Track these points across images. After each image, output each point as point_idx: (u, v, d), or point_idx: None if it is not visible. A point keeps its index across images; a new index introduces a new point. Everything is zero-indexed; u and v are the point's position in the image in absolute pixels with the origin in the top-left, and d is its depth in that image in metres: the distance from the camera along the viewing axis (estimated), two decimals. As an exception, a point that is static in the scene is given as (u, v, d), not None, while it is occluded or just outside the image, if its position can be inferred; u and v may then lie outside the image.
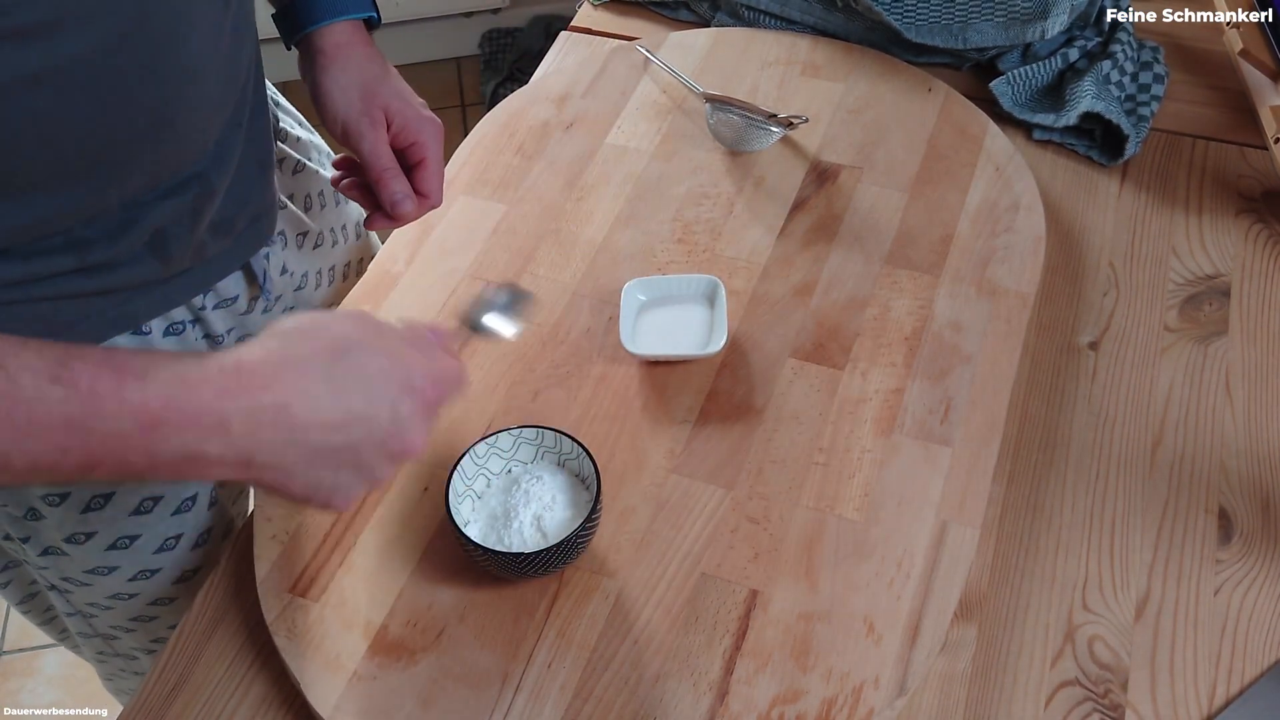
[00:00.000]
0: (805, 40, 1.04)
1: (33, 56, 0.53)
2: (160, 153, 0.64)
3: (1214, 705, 0.65)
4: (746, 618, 0.67)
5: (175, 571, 0.83)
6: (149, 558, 0.81)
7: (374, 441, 0.54)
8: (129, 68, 0.58)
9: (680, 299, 0.82)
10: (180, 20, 0.60)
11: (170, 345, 0.74)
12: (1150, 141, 0.96)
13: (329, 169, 0.93)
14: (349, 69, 0.75)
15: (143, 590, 0.83)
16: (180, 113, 0.64)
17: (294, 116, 0.93)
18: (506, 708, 0.64)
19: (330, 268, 0.92)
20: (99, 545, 0.78)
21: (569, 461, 0.70)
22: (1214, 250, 0.88)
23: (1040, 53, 1.00)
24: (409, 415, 0.55)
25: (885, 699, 0.63)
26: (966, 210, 0.88)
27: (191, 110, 0.65)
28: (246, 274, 0.79)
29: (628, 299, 0.81)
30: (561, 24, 1.13)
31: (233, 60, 0.68)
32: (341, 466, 0.54)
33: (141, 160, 0.63)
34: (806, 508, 0.72)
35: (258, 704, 0.67)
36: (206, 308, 0.76)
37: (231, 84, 0.69)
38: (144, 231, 0.66)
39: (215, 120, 0.68)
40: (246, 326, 0.81)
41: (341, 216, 0.93)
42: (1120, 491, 0.74)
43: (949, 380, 0.78)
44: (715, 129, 0.94)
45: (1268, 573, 0.70)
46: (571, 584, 0.69)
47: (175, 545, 0.81)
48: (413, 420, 0.55)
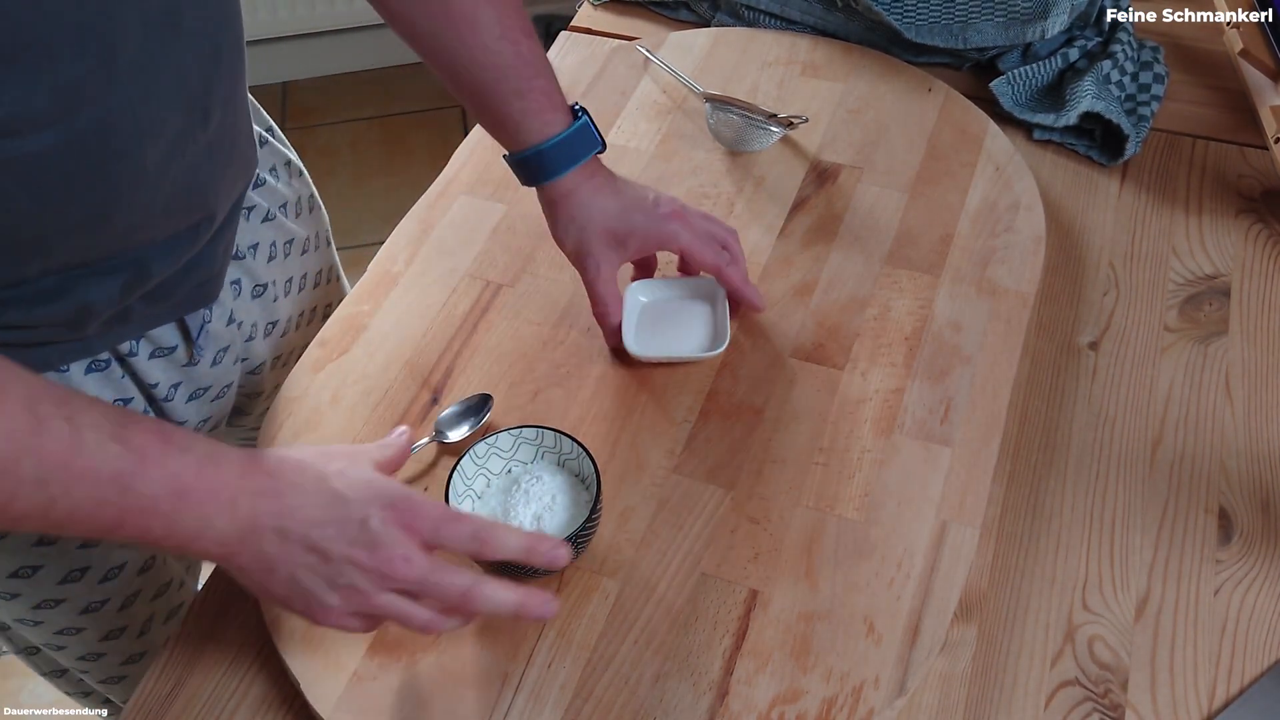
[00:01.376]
0: (805, 40, 1.04)
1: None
2: (93, 240, 0.63)
3: (1214, 705, 0.65)
4: (746, 618, 0.67)
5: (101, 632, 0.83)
6: (74, 618, 0.81)
7: (348, 539, 0.57)
8: (76, 171, 0.58)
9: (682, 300, 0.82)
10: (140, 131, 0.60)
11: (93, 383, 0.72)
12: (1150, 141, 0.96)
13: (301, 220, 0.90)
14: (576, 215, 0.77)
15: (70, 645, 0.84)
16: (121, 212, 0.63)
17: (280, 156, 0.88)
18: (506, 708, 0.64)
19: (288, 317, 0.89)
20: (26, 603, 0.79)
21: (569, 461, 0.70)
22: (1214, 250, 0.88)
23: (1040, 53, 1.00)
24: (379, 528, 0.57)
25: (885, 699, 0.63)
26: (966, 210, 0.88)
27: (135, 212, 0.63)
28: (180, 327, 0.76)
29: (630, 301, 0.81)
30: (561, 24, 1.13)
31: (202, 174, 0.67)
32: (319, 570, 0.57)
33: (70, 245, 0.62)
34: (806, 508, 0.72)
35: (258, 704, 0.67)
36: (137, 354, 0.74)
37: (197, 196, 0.68)
38: (66, 305, 0.65)
39: (165, 223, 0.67)
40: (194, 381, 0.79)
41: (303, 266, 0.90)
42: (1120, 491, 0.74)
43: (949, 380, 0.78)
44: (715, 129, 0.94)
45: (1268, 573, 0.70)
46: (571, 584, 0.69)
47: (100, 608, 0.82)
48: (387, 535, 0.57)
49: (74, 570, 0.78)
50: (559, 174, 0.76)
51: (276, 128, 0.90)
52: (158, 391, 0.76)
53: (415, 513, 0.58)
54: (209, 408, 0.82)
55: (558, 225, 0.78)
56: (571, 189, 0.77)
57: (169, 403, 0.78)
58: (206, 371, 0.79)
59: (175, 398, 0.78)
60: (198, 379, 0.79)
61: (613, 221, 0.77)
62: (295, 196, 0.89)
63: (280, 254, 0.86)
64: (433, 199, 0.93)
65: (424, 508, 0.58)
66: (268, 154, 0.86)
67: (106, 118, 0.57)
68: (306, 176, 0.93)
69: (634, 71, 1.02)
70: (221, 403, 0.83)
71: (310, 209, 0.91)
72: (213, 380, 0.80)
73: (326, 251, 0.94)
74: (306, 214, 0.90)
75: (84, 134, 0.57)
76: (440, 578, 0.57)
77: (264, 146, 0.85)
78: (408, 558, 0.57)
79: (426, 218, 0.91)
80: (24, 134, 0.54)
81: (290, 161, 0.90)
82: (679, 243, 0.77)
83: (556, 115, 0.76)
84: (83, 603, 0.80)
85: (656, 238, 0.78)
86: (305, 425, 0.78)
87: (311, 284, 0.91)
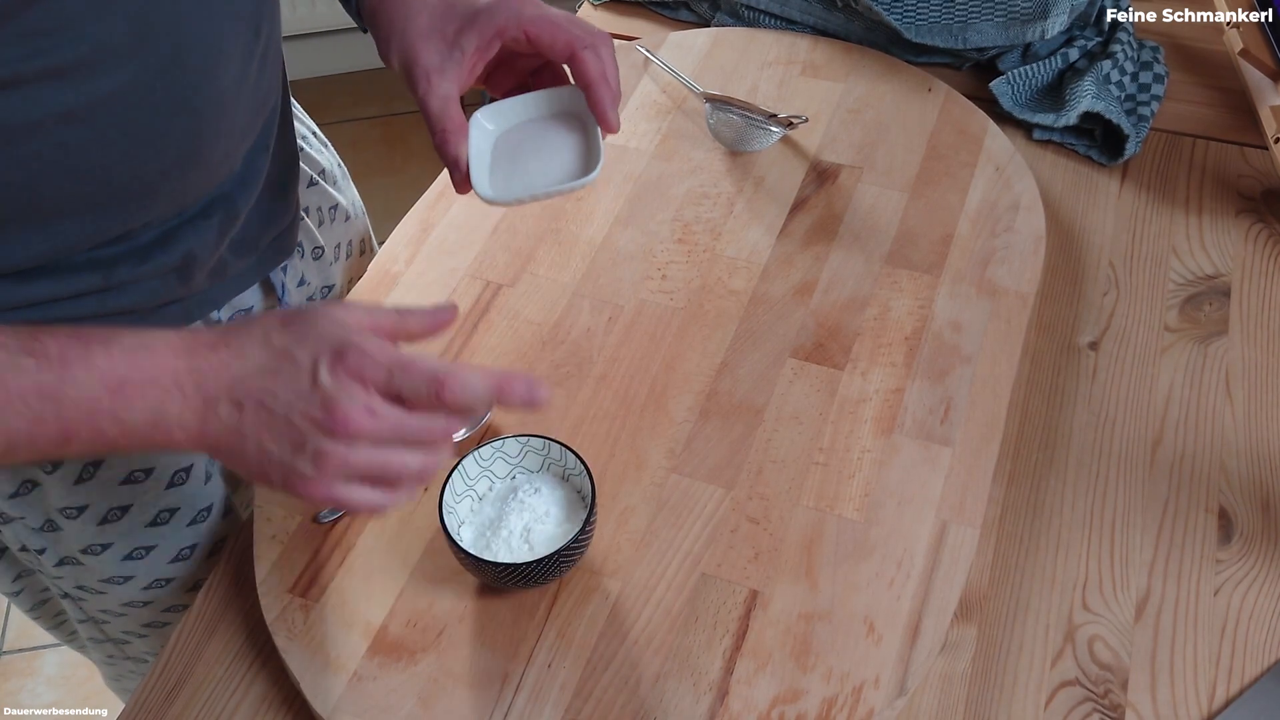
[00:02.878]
0: (805, 40, 1.04)
1: (68, 94, 0.53)
2: (188, 180, 0.64)
3: (1214, 705, 0.65)
4: (746, 618, 0.67)
5: (189, 580, 0.83)
6: (164, 567, 0.81)
7: (300, 397, 0.52)
8: (162, 103, 0.58)
9: (538, 121, 0.66)
10: (215, 53, 0.59)
11: None
12: (1150, 141, 0.96)
13: (338, 187, 0.92)
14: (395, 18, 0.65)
15: (156, 598, 0.83)
16: (210, 142, 0.63)
17: (307, 125, 0.92)
18: (506, 708, 0.64)
19: (334, 284, 0.92)
20: (115, 556, 0.78)
21: (573, 477, 0.69)
22: (1214, 250, 0.88)
23: (1040, 53, 1.00)
24: (329, 382, 0.51)
25: (885, 699, 0.63)
26: (966, 210, 0.88)
27: (221, 139, 0.64)
28: (264, 286, 0.79)
29: (476, 133, 0.65)
30: (561, 24, 1.12)
31: (261, 85, 0.67)
32: (282, 435, 0.52)
33: (170, 188, 0.63)
34: (806, 508, 0.72)
35: (258, 704, 0.67)
36: (222, 320, 0.76)
37: (260, 108, 0.68)
38: (172, 254, 0.66)
39: (242, 145, 0.68)
40: None
41: (348, 232, 0.93)
42: (1120, 491, 0.74)
43: (949, 380, 0.78)
44: (715, 129, 0.94)
45: (1268, 573, 0.70)
46: (571, 584, 0.69)
47: (190, 555, 0.81)
48: (339, 388, 0.51)
49: (163, 512, 0.78)
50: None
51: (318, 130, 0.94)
52: None
53: (365, 358, 0.52)
54: None
55: (379, 39, 0.66)
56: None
57: None
58: None
59: None
60: None
61: (439, 16, 0.63)
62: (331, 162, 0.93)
63: (327, 219, 0.89)
64: (433, 199, 0.93)
65: (373, 352, 0.52)
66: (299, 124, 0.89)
67: (182, 42, 0.57)
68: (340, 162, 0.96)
69: (634, 71, 1.02)
70: None
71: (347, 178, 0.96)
72: None
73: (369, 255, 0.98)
74: (342, 180, 0.94)
75: (164, 61, 0.56)
76: (414, 422, 0.53)
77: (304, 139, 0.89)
78: (370, 409, 0.52)
79: (426, 218, 0.91)
80: (110, 70, 0.54)
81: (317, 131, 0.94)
82: (522, 23, 0.62)
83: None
84: (172, 553, 0.80)
85: (492, 23, 0.62)
86: (305, 425, 0.78)
87: (356, 252, 0.95)
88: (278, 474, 0.53)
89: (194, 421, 0.53)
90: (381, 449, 0.53)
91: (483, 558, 0.65)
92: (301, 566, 0.71)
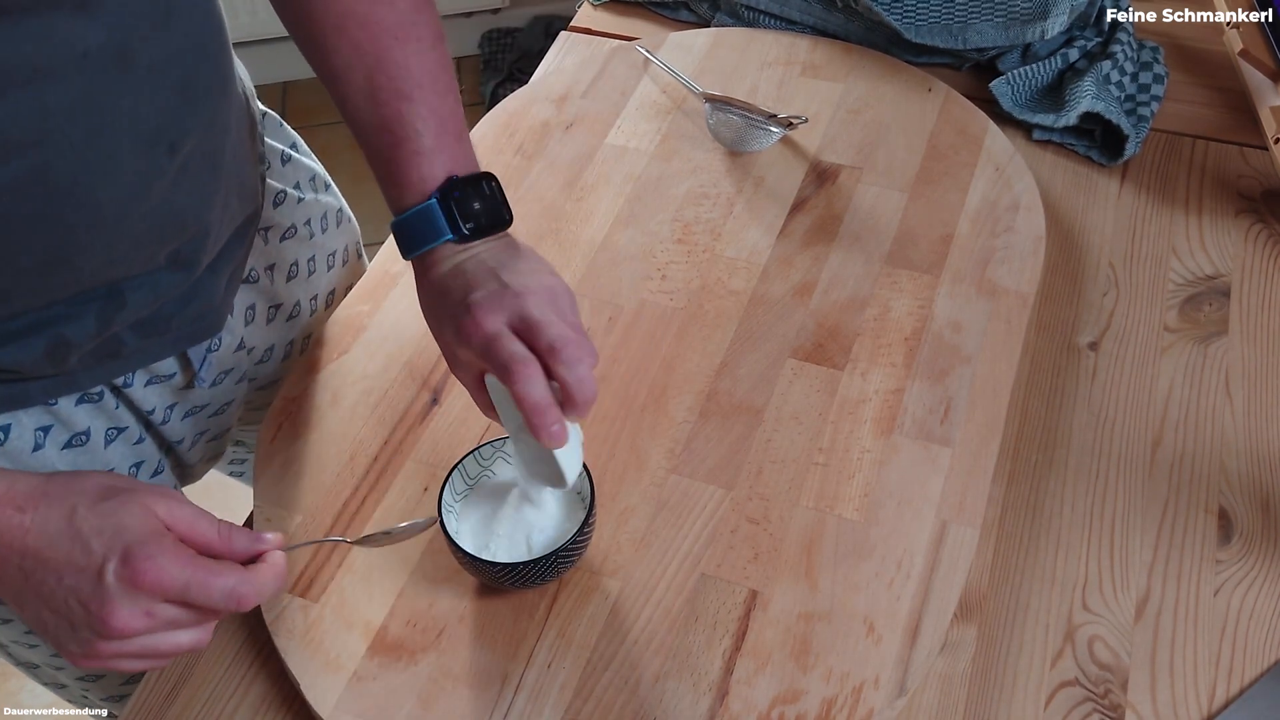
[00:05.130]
0: (805, 40, 1.04)
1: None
2: (53, 281, 0.61)
3: (1214, 705, 0.65)
4: (746, 618, 0.67)
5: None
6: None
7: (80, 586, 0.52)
8: (19, 216, 0.55)
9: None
10: (89, 171, 0.57)
11: (83, 414, 0.70)
12: (1150, 141, 0.96)
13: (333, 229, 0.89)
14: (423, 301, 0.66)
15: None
16: (84, 252, 0.60)
17: (305, 172, 0.87)
18: (506, 708, 0.64)
19: (301, 338, 0.88)
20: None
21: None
22: (1214, 250, 0.88)
23: (1040, 53, 1.00)
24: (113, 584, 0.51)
25: (885, 699, 0.63)
26: (966, 210, 0.88)
27: (98, 252, 0.61)
28: (181, 358, 0.75)
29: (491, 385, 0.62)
30: (561, 24, 1.13)
31: (175, 202, 0.64)
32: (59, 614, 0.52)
33: (31, 287, 0.60)
34: (806, 508, 0.72)
35: (258, 704, 0.67)
36: (132, 384, 0.72)
37: (173, 228, 0.65)
38: (40, 342, 0.63)
39: (138, 258, 0.64)
40: (191, 401, 0.77)
41: (331, 282, 0.89)
42: (1120, 491, 0.74)
43: (949, 380, 0.78)
44: (715, 129, 0.94)
45: (1268, 573, 0.70)
46: (571, 584, 0.69)
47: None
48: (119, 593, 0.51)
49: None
50: (409, 254, 0.65)
51: (302, 143, 0.89)
52: (154, 417, 0.75)
53: (158, 570, 0.51)
54: (205, 423, 0.81)
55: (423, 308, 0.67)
56: (417, 276, 0.66)
57: (165, 425, 0.77)
58: (205, 392, 0.78)
59: (171, 419, 0.77)
60: (195, 399, 0.78)
61: (437, 300, 0.64)
62: (322, 211, 0.88)
63: (304, 271, 0.85)
64: (433, 199, 0.93)
65: (168, 565, 0.51)
66: (291, 170, 0.85)
67: (47, 160, 0.54)
68: (335, 189, 0.92)
69: (634, 72, 1.02)
70: (221, 418, 0.82)
71: (338, 222, 0.91)
72: (211, 399, 0.79)
73: (357, 265, 0.94)
74: (334, 228, 0.90)
75: (25, 178, 0.54)
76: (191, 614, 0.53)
77: (287, 164, 0.84)
78: (149, 613, 0.52)
79: (426, 218, 0.91)
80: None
81: (316, 175, 0.89)
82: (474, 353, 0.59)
83: (406, 193, 0.65)
84: None
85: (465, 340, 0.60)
86: (305, 425, 0.78)
87: (340, 298, 0.90)
88: (51, 641, 0.54)
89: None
90: (154, 636, 0.53)
91: (482, 558, 0.65)
92: (301, 566, 0.71)
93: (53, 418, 0.69)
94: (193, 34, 0.61)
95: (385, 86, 0.64)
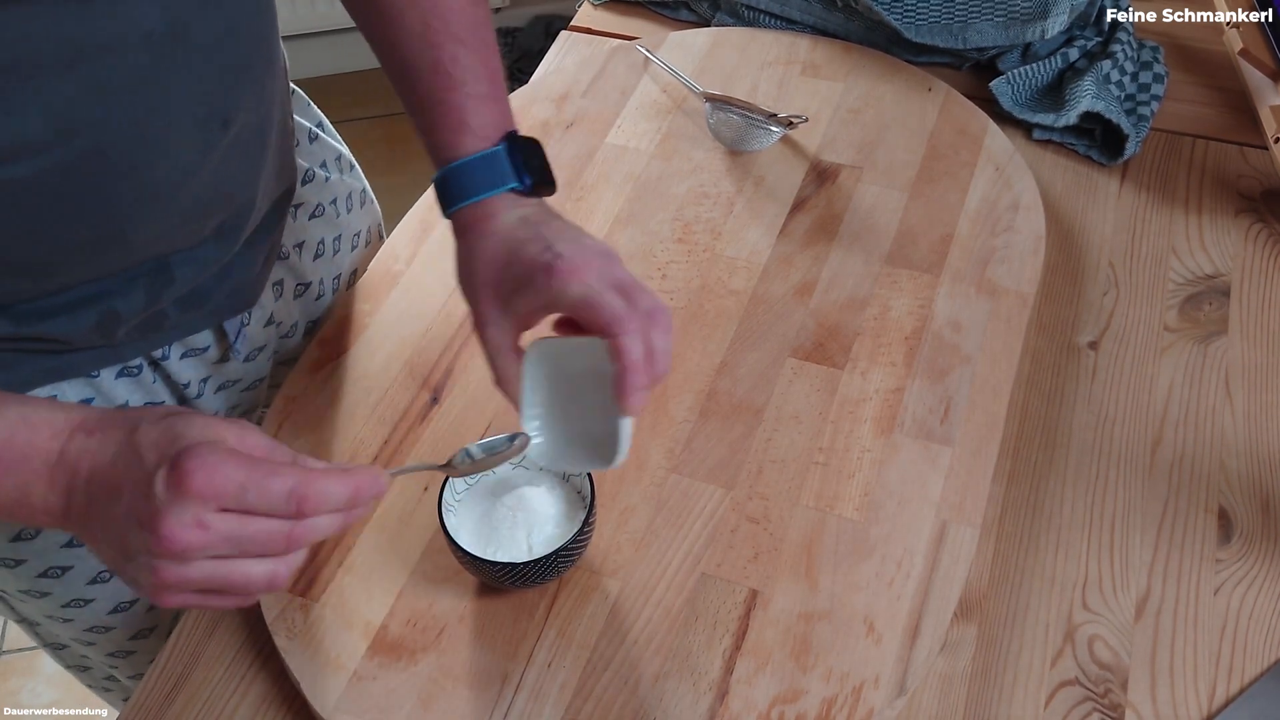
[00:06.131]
0: (805, 40, 1.04)
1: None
2: (106, 257, 0.62)
3: (1214, 705, 0.65)
4: (746, 617, 0.67)
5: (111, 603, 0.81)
6: (104, 618, 0.81)
7: (135, 510, 0.48)
8: (77, 193, 0.56)
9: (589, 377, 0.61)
10: (146, 148, 0.57)
11: (123, 388, 0.71)
12: (1150, 141, 0.96)
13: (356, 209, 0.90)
14: (465, 259, 0.64)
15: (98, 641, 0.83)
16: (136, 227, 0.61)
17: (331, 151, 0.88)
18: (506, 708, 0.64)
19: (323, 315, 0.89)
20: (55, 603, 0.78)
21: (572, 477, 0.69)
22: (1214, 250, 0.88)
23: (1040, 53, 1.00)
24: (162, 494, 0.47)
25: (885, 699, 0.63)
26: (966, 210, 0.88)
27: (150, 224, 0.62)
28: (217, 331, 0.76)
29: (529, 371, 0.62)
30: (561, 24, 1.13)
31: (224, 175, 0.65)
32: (119, 539, 0.49)
33: (84, 263, 0.61)
34: (806, 507, 0.72)
35: (258, 704, 0.67)
36: (169, 357, 0.73)
37: (222, 197, 0.66)
38: (93, 314, 0.64)
39: (187, 233, 0.65)
40: (225, 375, 0.79)
41: (353, 262, 0.91)
42: (1120, 491, 0.74)
43: (949, 380, 0.78)
44: (715, 129, 0.94)
45: (1268, 573, 0.70)
46: (571, 584, 0.69)
47: (129, 608, 0.81)
48: (169, 502, 0.47)
49: (103, 571, 0.77)
50: (462, 201, 0.63)
51: (327, 122, 0.91)
52: (189, 391, 0.77)
53: (210, 470, 0.46)
54: (237, 397, 0.82)
55: (456, 257, 0.65)
56: (466, 226, 0.64)
57: (199, 399, 0.78)
58: (238, 367, 0.80)
59: (205, 393, 0.78)
60: (228, 373, 0.80)
61: (497, 270, 0.61)
62: (347, 191, 0.89)
63: (329, 250, 0.87)
64: (433, 199, 0.92)
65: (219, 466, 0.46)
66: (319, 149, 0.87)
67: (105, 139, 0.55)
68: (359, 170, 0.94)
69: (634, 71, 1.02)
70: (252, 394, 0.84)
71: (362, 203, 0.92)
72: (243, 374, 0.81)
73: (378, 246, 0.96)
74: (358, 208, 0.91)
75: (84, 157, 0.55)
76: (255, 530, 0.48)
77: (314, 142, 0.86)
78: (201, 523, 0.47)
79: (427, 217, 0.91)
80: (20, 159, 0.53)
81: (341, 155, 0.91)
82: (565, 303, 0.57)
83: (465, 138, 0.64)
84: (111, 603, 0.80)
85: (540, 298, 0.58)
86: (305, 425, 0.78)
87: (345, 284, 0.92)
88: (129, 578, 0.51)
89: (58, 505, 0.51)
90: (221, 561, 0.49)
91: (482, 558, 0.65)
92: (301, 566, 0.70)
93: (94, 390, 0.70)
94: (243, 10, 0.62)
95: (440, 30, 0.64)
